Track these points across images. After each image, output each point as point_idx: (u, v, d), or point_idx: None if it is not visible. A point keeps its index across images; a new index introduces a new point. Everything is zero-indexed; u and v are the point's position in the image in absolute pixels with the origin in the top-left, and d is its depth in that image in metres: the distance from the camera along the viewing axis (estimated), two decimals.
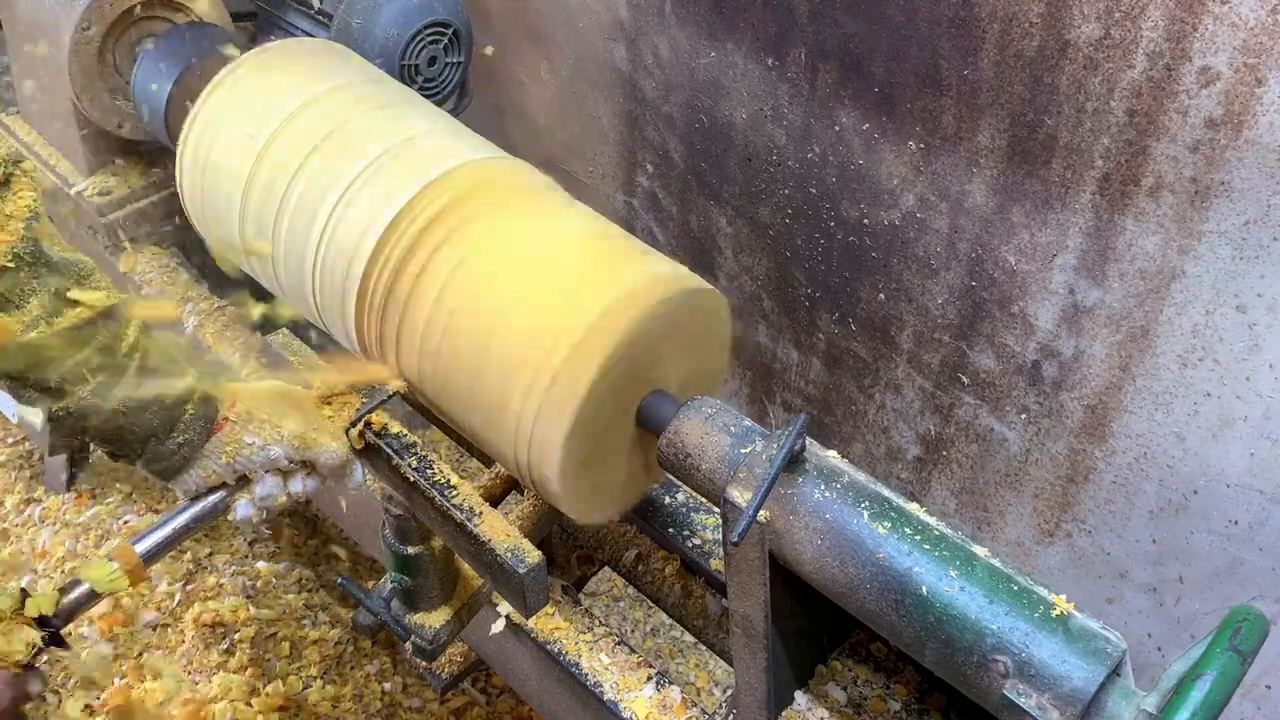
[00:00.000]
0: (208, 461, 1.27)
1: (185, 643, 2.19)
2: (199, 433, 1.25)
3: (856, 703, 1.26)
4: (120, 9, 1.80)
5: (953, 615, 0.98)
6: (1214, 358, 1.43)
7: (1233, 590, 1.55)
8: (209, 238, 1.63)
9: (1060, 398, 1.63)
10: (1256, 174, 1.29)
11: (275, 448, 1.29)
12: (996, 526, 1.84)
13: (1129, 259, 1.45)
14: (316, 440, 1.32)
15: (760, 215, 1.94)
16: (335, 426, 1.37)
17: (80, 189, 1.98)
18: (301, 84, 1.50)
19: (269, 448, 1.28)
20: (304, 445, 1.31)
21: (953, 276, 1.68)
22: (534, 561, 1.26)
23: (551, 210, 1.37)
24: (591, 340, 1.18)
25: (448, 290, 1.29)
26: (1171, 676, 0.90)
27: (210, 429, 1.26)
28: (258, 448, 1.28)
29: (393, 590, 1.43)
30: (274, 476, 1.32)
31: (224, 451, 1.27)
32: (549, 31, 2.16)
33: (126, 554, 1.25)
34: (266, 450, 1.28)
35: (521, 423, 1.22)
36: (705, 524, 1.51)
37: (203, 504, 1.30)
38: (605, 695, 1.35)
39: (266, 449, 1.28)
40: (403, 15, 1.83)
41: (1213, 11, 1.23)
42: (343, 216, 1.37)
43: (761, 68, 1.78)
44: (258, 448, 1.28)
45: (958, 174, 1.59)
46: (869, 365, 1.90)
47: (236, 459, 1.27)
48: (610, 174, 2.23)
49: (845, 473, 1.10)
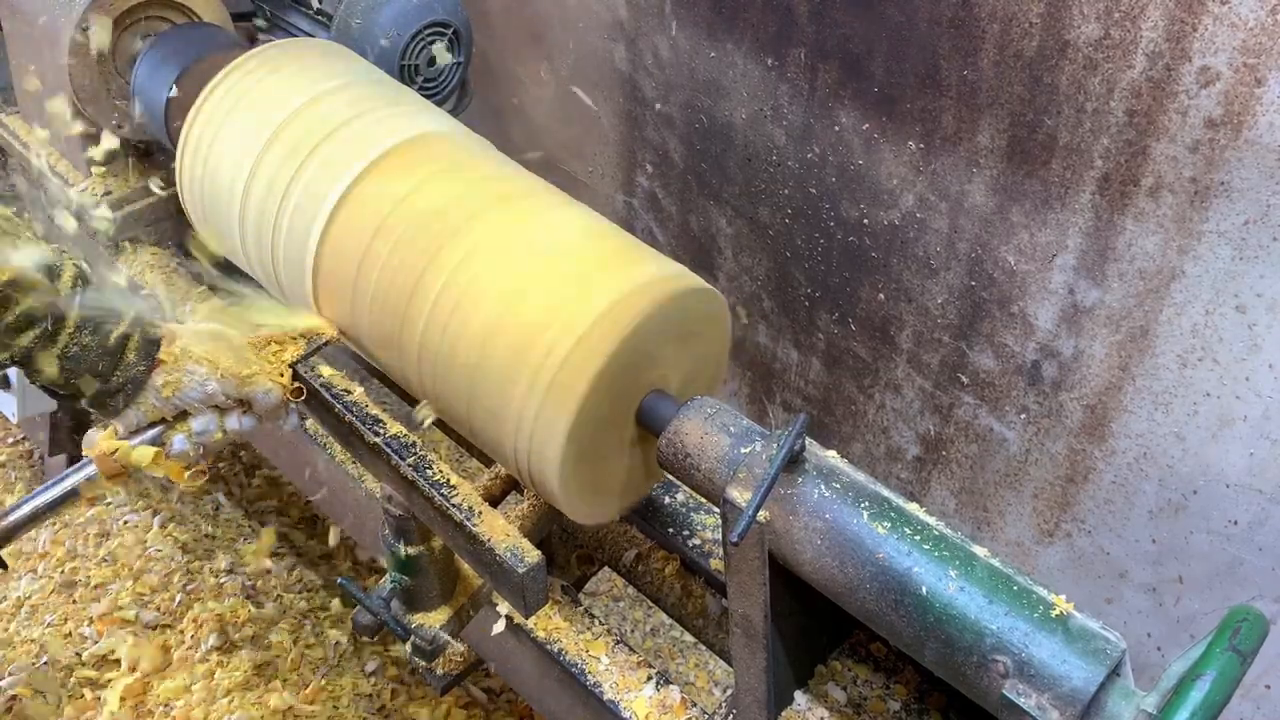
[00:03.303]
0: (148, 396, 1.33)
1: (185, 643, 2.20)
2: (142, 372, 1.32)
3: (856, 703, 1.27)
4: (121, 9, 1.80)
5: (952, 615, 0.98)
6: (1214, 358, 1.43)
7: (1232, 590, 1.55)
8: (204, 234, 1.63)
9: (1060, 398, 1.63)
10: (1256, 174, 1.29)
11: (212, 382, 1.34)
12: (996, 526, 1.84)
13: (1129, 259, 1.45)
14: (253, 379, 1.38)
15: (760, 215, 1.94)
16: (271, 369, 1.41)
17: (80, 189, 1.98)
18: (301, 84, 1.50)
19: (206, 382, 1.34)
20: (240, 384, 1.36)
21: (952, 276, 1.68)
22: (534, 561, 1.26)
23: (554, 210, 1.37)
24: (593, 338, 1.18)
25: (449, 288, 1.29)
26: (1171, 676, 0.90)
27: (151, 367, 1.32)
28: (196, 382, 1.33)
29: (393, 590, 1.43)
30: (211, 413, 1.37)
31: (164, 386, 1.32)
32: (549, 31, 2.16)
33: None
34: (204, 385, 1.34)
35: (522, 420, 1.22)
36: (705, 524, 1.51)
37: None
38: (605, 695, 1.35)
39: (204, 383, 1.34)
40: (403, 15, 1.83)
41: (1212, 11, 1.24)
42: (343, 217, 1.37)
43: (761, 68, 1.78)
44: (196, 382, 1.33)
45: (957, 174, 1.59)
46: (869, 365, 1.90)
47: (175, 394, 1.33)
48: (610, 174, 2.23)
49: (845, 473, 1.10)
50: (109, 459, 1.31)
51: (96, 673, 2.16)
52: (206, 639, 2.19)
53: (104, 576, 2.34)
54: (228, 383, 1.36)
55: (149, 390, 1.33)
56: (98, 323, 1.29)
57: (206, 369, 1.35)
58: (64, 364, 1.27)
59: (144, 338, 1.33)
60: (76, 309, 1.27)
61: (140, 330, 1.33)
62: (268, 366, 1.41)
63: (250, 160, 1.46)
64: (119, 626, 2.22)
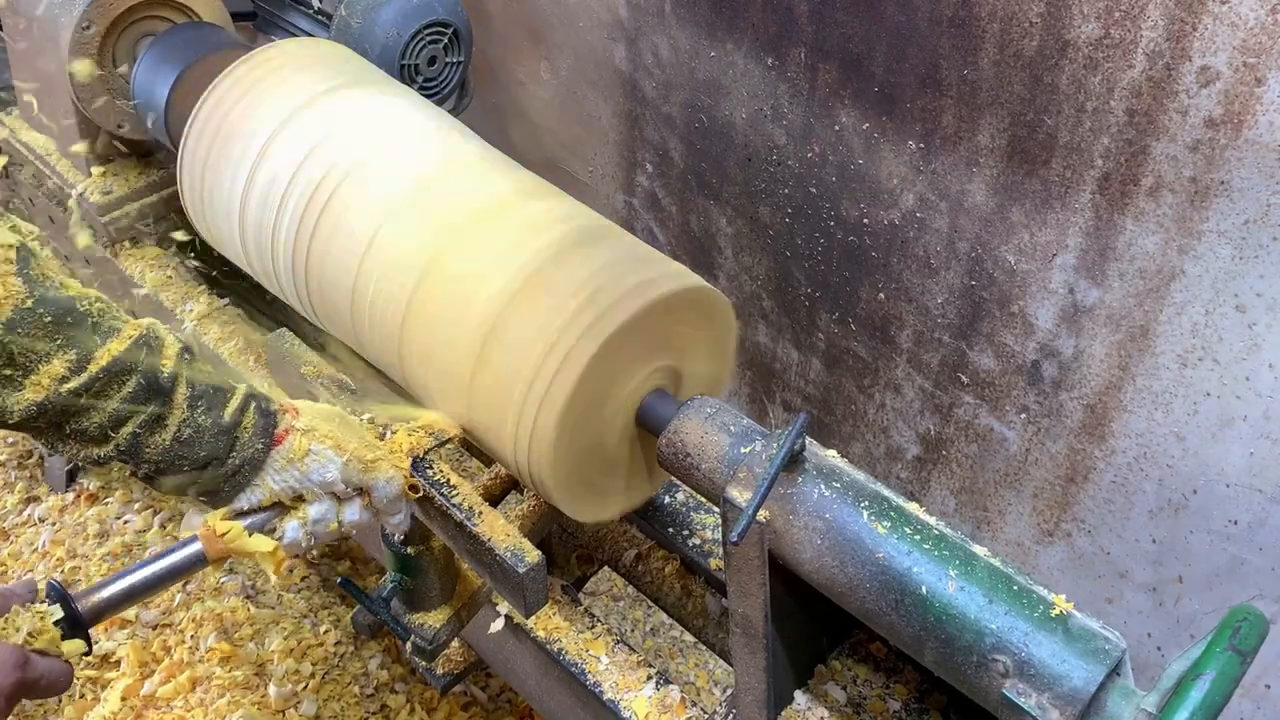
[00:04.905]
0: (265, 478, 1.18)
1: (185, 643, 2.19)
2: (260, 451, 1.17)
3: (856, 702, 1.27)
4: (121, 8, 1.80)
5: (952, 615, 0.98)
6: (1214, 357, 1.43)
7: (1232, 590, 1.54)
8: (207, 235, 1.63)
9: (1060, 397, 1.63)
10: (1256, 174, 1.29)
11: (333, 467, 1.20)
12: (996, 526, 1.84)
13: (1129, 259, 1.45)
14: (377, 465, 1.25)
15: (760, 215, 1.94)
16: (394, 456, 1.29)
17: (80, 189, 1.98)
18: (301, 84, 1.50)
19: (329, 465, 1.20)
20: (364, 468, 1.23)
21: (952, 276, 1.68)
22: (534, 561, 1.26)
23: (557, 210, 1.37)
24: (595, 331, 1.19)
25: (451, 287, 1.29)
26: (1171, 676, 0.90)
27: (269, 445, 1.18)
28: (320, 463, 1.19)
29: (393, 590, 1.43)
30: (329, 500, 1.23)
31: (286, 464, 1.18)
32: (549, 31, 2.16)
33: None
34: (325, 469, 1.20)
35: (523, 416, 1.22)
36: (705, 523, 1.51)
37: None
38: (605, 695, 1.35)
39: (326, 466, 1.20)
40: (402, 15, 1.83)
41: (1212, 11, 1.23)
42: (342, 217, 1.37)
43: (761, 67, 1.78)
44: (320, 463, 1.19)
45: (957, 173, 1.59)
46: (869, 365, 1.90)
47: (300, 474, 1.19)
48: (610, 174, 2.23)
49: (845, 472, 1.10)
50: (218, 542, 1.17)
51: (96, 673, 2.16)
52: (206, 639, 2.18)
53: (104, 576, 2.34)
54: (351, 467, 1.22)
55: (266, 471, 1.18)
56: (210, 400, 1.14)
57: (333, 450, 1.20)
58: (176, 449, 1.12)
59: (260, 413, 1.18)
60: (185, 387, 1.12)
61: (255, 405, 1.18)
62: (390, 454, 1.29)
63: (250, 160, 1.46)
64: (119, 627, 2.22)
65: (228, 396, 1.16)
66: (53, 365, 1.03)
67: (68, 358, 1.04)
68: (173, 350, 1.13)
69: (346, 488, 1.23)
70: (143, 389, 1.09)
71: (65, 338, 1.04)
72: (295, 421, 1.21)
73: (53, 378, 1.03)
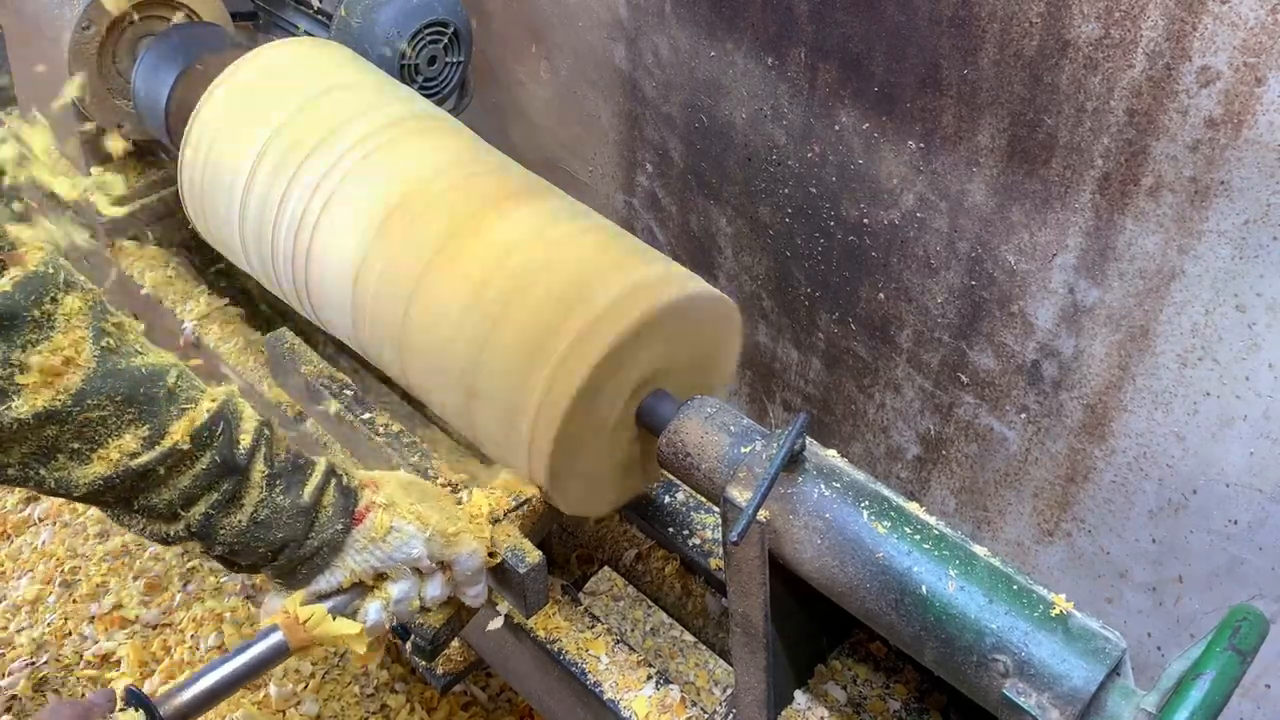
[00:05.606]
0: (345, 558, 1.11)
1: (185, 643, 2.19)
2: (340, 530, 1.10)
3: (856, 702, 1.27)
4: (121, 8, 1.80)
5: (952, 615, 0.98)
6: (1213, 357, 1.43)
7: (1232, 590, 1.54)
8: (209, 236, 1.63)
9: (1060, 397, 1.63)
10: (1256, 173, 1.29)
11: (417, 543, 1.13)
12: (996, 526, 1.84)
13: (1129, 258, 1.45)
14: (459, 538, 1.18)
15: (760, 215, 1.94)
16: (474, 527, 1.22)
17: (80, 189, 1.98)
18: (301, 84, 1.50)
19: (412, 542, 1.13)
20: (447, 542, 1.17)
21: (952, 276, 1.68)
22: (534, 561, 1.26)
23: (559, 210, 1.37)
24: (598, 329, 1.19)
25: (450, 285, 1.29)
26: (1171, 676, 0.90)
27: (350, 524, 1.11)
28: (403, 540, 1.13)
29: None
30: (412, 577, 1.17)
31: (368, 543, 1.11)
32: (549, 31, 2.16)
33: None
34: (409, 546, 1.13)
35: (525, 416, 1.22)
36: (705, 523, 1.51)
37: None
38: (605, 695, 1.35)
39: (410, 543, 1.13)
40: (402, 15, 1.83)
41: (1212, 11, 1.23)
42: (342, 216, 1.37)
43: (761, 67, 1.78)
44: (403, 540, 1.13)
45: (957, 173, 1.59)
46: (869, 365, 1.90)
47: (383, 554, 1.12)
48: (610, 174, 2.23)
49: (845, 472, 1.10)
50: (301, 630, 1.10)
51: (96, 673, 2.16)
52: (206, 639, 2.18)
53: (104, 576, 2.34)
54: (435, 543, 1.15)
55: (347, 551, 1.11)
56: (288, 478, 1.07)
57: (415, 525, 1.14)
58: (252, 531, 1.05)
59: (340, 490, 1.12)
60: (263, 464, 1.05)
61: (335, 482, 1.12)
62: (470, 521, 1.22)
63: (251, 160, 1.46)
64: (119, 627, 2.22)
65: (307, 474, 1.10)
66: (124, 440, 0.97)
67: (140, 432, 0.97)
68: (251, 424, 1.06)
69: (430, 563, 1.17)
70: (217, 466, 1.02)
71: (139, 410, 0.97)
72: (375, 497, 1.14)
73: (123, 452, 0.97)
